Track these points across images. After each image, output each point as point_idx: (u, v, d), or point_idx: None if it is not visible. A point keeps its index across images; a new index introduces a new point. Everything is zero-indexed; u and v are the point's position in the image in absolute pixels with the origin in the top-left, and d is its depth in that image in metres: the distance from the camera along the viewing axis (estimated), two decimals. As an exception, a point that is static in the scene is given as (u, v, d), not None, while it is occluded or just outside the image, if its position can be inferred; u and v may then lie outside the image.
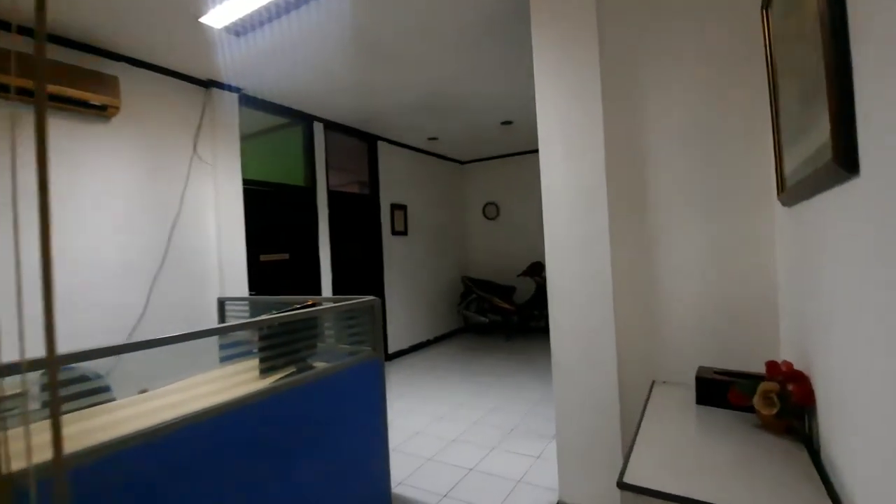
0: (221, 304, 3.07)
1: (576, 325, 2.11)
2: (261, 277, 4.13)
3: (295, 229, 4.50)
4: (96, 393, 1.63)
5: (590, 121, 2.03)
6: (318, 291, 4.61)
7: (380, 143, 5.54)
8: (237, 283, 3.72)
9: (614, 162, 2.05)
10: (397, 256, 5.77)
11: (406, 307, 5.87)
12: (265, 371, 1.91)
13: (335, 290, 4.79)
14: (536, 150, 7.03)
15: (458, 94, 4.21)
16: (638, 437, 1.30)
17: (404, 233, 5.91)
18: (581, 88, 2.04)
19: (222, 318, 3.06)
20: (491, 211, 7.23)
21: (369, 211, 5.47)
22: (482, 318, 6.50)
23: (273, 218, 4.30)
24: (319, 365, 2.08)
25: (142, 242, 3.14)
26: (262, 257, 4.19)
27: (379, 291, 5.47)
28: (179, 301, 3.34)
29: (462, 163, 7.43)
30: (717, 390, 1.47)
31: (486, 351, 5.77)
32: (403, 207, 5.91)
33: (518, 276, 6.46)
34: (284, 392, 1.75)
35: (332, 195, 4.86)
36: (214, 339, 2.25)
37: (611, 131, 2.05)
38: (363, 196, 5.41)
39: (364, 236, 5.38)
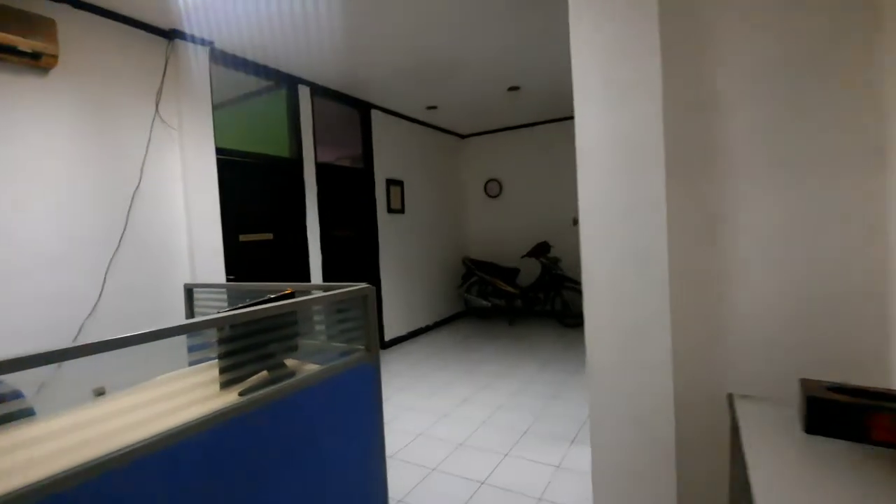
0: (189, 291, 2.63)
1: (618, 319, 1.69)
2: (241, 260, 3.68)
3: (280, 206, 4.03)
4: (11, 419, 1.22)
5: (644, 51, 1.57)
6: (305, 275, 4.17)
7: (374, 111, 5.03)
8: (212, 266, 3.27)
9: (670, 113, 1.60)
10: (394, 236, 5.32)
11: (403, 291, 5.46)
12: (227, 384, 1.48)
13: (325, 273, 4.36)
14: (545, 122, 6.61)
15: (459, 54, 3.71)
16: (753, 484, 0.89)
17: (401, 211, 5.45)
18: (629, 10, 1.58)
19: (190, 308, 2.62)
20: (493, 188, 6.76)
21: (363, 187, 5.00)
22: (484, 302, 6.10)
23: (254, 193, 3.83)
24: (308, 367, 1.66)
25: (93, 220, 2.68)
26: (243, 237, 3.74)
27: (374, 274, 5.05)
28: (141, 288, 2.90)
29: (463, 136, 6.92)
30: (842, 415, 1.06)
31: (488, 337, 5.39)
32: (400, 183, 5.44)
33: (522, 257, 6.05)
34: (253, 411, 1.33)
35: (322, 168, 4.39)
36: (181, 338, 1.83)
37: (669, 69, 1.60)
38: (356, 170, 4.93)
39: (357, 214, 4.92)
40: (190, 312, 2.63)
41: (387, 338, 5.13)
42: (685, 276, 1.63)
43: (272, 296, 1.77)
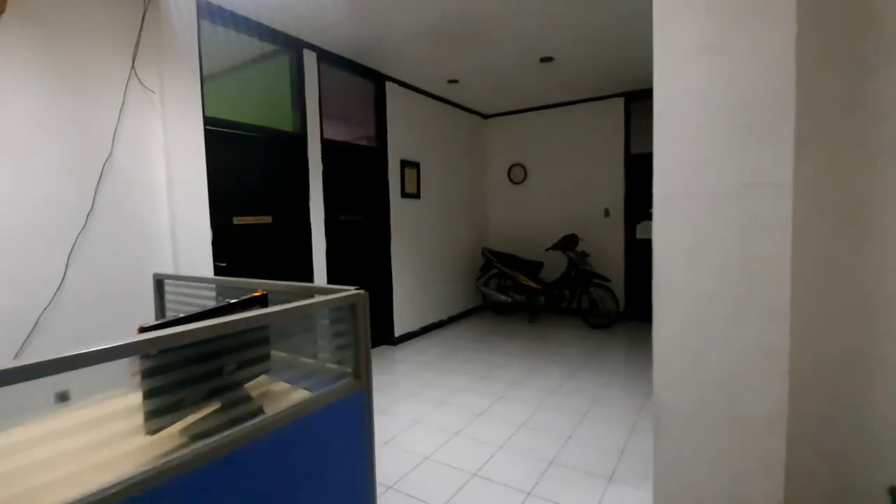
0: (159, 283, 2.23)
1: (706, 350, 1.20)
2: (234, 245, 3.29)
3: (280, 186, 3.61)
4: None
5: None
6: (307, 263, 3.76)
7: (389, 84, 4.55)
8: (197, 252, 2.88)
9: (806, 53, 1.09)
10: (407, 223, 4.87)
11: (417, 283, 5.02)
12: (155, 422, 1.05)
13: (330, 262, 3.94)
14: (579, 101, 5.95)
15: (486, 11, 3.19)
16: None
17: (416, 195, 4.99)
18: None
19: (161, 302, 2.23)
20: (517, 174, 6.23)
21: (375, 168, 4.54)
22: (503, 297, 5.63)
23: (251, 171, 3.41)
24: (281, 389, 1.24)
25: (53, 193, 2.29)
26: (237, 220, 3.33)
27: (384, 264, 4.62)
28: (112, 274, 2.52)
29: (485, 116, 6.39)
30: None
31: (507, 336, 4.93)
32: (416, 165, 4.97)
33: (547, 249, 5.54)
34: (196, 468, 0.91)
35: (329, 146, 3.94)
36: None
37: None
38: (367, 149, 4.47)
39: (368, 198, 4.48)
40: (160, 309, 2.24)
41: (397, 333, 4.71)
42: (814, 295, 1.14)
43: (233, 301, 1.34)
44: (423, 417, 2.99)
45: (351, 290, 1.38)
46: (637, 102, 5.33)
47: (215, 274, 3.06)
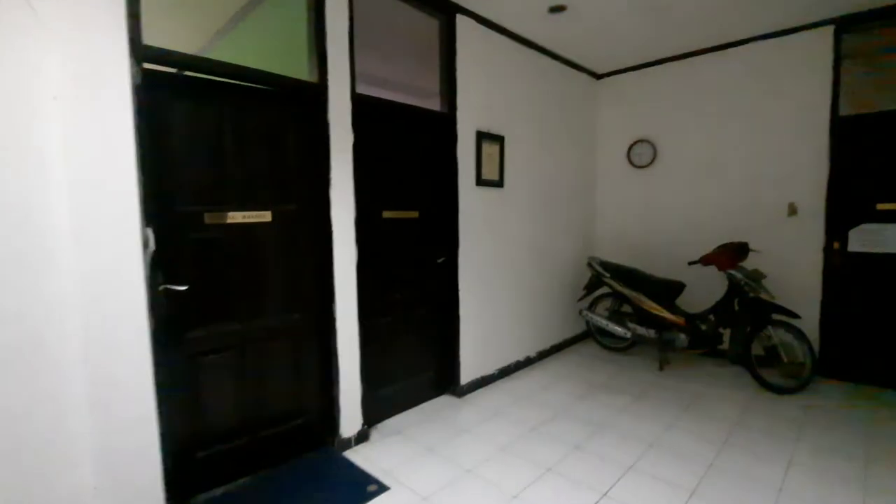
0: None
1: None
2: (201, 257, 2.10)
3: (282, 164, 2.37)
4: None
5: None
6: (325, 282, 2.49)
7: (461, 18, 3.12)
8: (123, 267, 1.72)
9: None
10: (484, 221, 3.42)
11: (494, 307, 3.56)
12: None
13: (362, 280, 2.63)
14: (747, 40, 3.50)
15: None
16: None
17: (498, 183, 3.52)
18: None
19: None
20: (642, 154, 4.46)
21: (437, 141, 3.15)
22: (619, 329, 3.95)
23: (228, 138, 2.20)
24: None
25: None
26: (209, 218, 2.14)
27: (449, 281, 3.22)
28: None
29: (598, 76, 4.69)
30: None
31: (631, 395, 3.27)
32: (499, 140, 3.49)
33: (690, 264, 3.74)
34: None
35: (363, 106, 2.62)
36: None
37: None
38: (426, 114, 3.08)
39: (426, 185, 3.10)
40: None
41: (463, 380, 3.30)
42: None
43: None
44: None
45: None
46: (856, 33, 3.31)
47: (164, 301, 1.88)
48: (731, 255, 3.46)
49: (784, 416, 2.92)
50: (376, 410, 2.84)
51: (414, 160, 3.01)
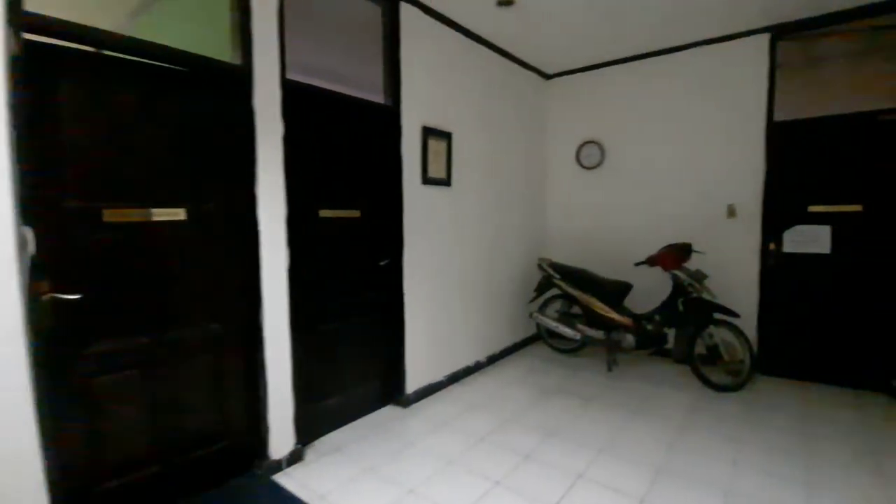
0: None
1: None
2: (100, 257, 1.81)
3: (198, 156, 2.10)
4: None
5: None
6: (252, 288, 2.24)
7: (405, 6, 2.95)
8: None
9: None
10: (431, 221, 3.27)
11: (442, 311, 3.41)
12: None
13: (295, 286, 2.39)
14: (691, 45, 3.51)
15: None
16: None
17: (445, 181, 3.37)
18: None
19: None
20: (591, 155, 4.47)
21: (380, 135, 2.96)
22: (569, 331, 3.91)
23: (137, 126, 1.91)
24: None
25: None
26: (109, 215, 1.84)
27: (393, 284, 3.04)
28: None
29: (548, 76, 4.66)
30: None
31: (581, 397, 3.22)
32: (446, 136, 3.35)
33: (637, 264, 3.76)
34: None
35: (297, 93, 2.39)
36: None
37: None
38: (367, 105, 2.88)
39: (366, 182, 2.90)
40: None
41: (410, 388, 3.13)
42: None
43: None
44: None
45: None
46: (790, 41, 3.44)
47: (51, 313, 1.58)
48: (675, 255, 3.50)
49: (727, 414, 2.95)
50: (314, 426, 2.61)
51: (355, 156, 2.81)
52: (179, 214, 2.04)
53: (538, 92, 4.57)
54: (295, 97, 2.37)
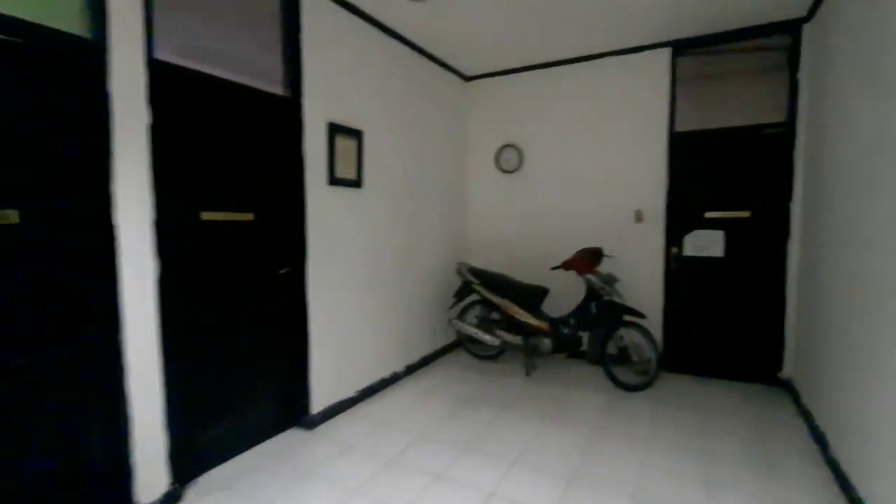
0: None
1: None
2: None
3: (35, 147, 1.71)
4: None
5: None
6: (108, 304, 1.87)
7: (306, -8, 2.70)
8: None
9: None
10: (338, 225, 3.03)
11: (352, 321, 3.18)
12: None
13: (167, 302, 2.05)
14: (599, 55, 3.55)
15: None
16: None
17: (355, 183, 3.15)
18: None
19: None
20: (509, 159, 4.46)
21: (278, 130, 2.67)
22: (488, 338, 3.85)
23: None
24: None
25: None
26: None
27: (294, 295, 2.76)
28: None
29: (467, 78, 4.59)
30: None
31: (499, 405, 3.14)
32: (356, 134, 3.13)
33: (553, 269, 3.79)
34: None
35: (169, 77, 2.06)
36: None
37: None
38: (262, 96, 2.58)
39: (261, 181, 2.61)
40: None
41: (315, 408, 2.86)
42: None
43: None
44: None
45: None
46: (688, 56, 3.64)
47: None
48: (587, 260, 3.55)
49: (636, 414, 3.02)
50: (198, 460, 2.27)
51: (248, 152, 2.50)
52: (12, 218, 1.64)
53: (459, 93, 4.48)
54: (168, 81, 2.04)
